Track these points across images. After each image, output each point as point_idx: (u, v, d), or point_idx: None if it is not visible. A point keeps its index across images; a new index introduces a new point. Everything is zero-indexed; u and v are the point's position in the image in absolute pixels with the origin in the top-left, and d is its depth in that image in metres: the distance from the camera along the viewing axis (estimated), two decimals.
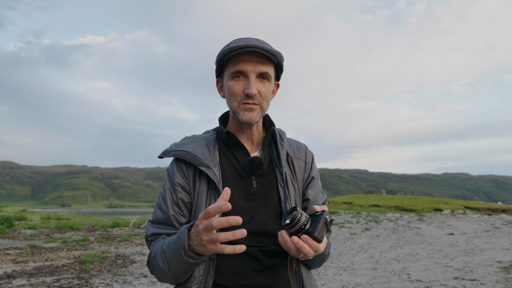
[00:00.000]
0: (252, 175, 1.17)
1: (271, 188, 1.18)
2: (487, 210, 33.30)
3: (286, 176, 1.19)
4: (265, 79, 1.15)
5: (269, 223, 1.14)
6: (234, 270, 1.10)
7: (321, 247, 0.95)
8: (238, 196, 1.14)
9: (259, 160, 1.16)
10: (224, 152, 1.21)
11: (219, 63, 1.18)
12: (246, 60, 1.11)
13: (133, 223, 19.57)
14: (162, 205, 1.16)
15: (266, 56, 1.12)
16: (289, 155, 1.25)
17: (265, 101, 1.16)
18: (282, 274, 1.13)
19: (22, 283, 5.73)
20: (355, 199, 50.01)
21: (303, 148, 1.31)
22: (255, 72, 1.12)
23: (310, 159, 1.31)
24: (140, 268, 7.26)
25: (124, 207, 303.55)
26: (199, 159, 1.15)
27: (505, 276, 6.40)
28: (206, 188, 1.14)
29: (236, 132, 1.23)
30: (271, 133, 1.25)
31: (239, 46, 1.09)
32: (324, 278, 6.46)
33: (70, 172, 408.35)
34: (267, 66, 1.14)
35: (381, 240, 12.55)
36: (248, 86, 1.11)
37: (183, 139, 1.25)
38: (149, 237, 1.16)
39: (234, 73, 1.13)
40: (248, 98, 1.12)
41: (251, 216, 1.13)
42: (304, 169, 1.27)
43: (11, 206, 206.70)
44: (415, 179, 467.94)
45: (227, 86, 1.15)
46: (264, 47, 1.09)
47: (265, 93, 1.15)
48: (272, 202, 1.16)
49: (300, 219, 0.93)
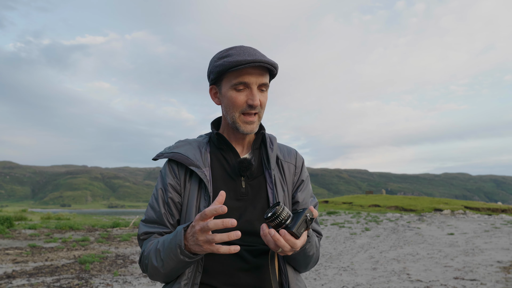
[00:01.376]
0: (241, 176, 1.21)
1: (259, 190, 1.22)
2: (487, 210, 33.28)
3: (275, 178, 1.23)
4: (264, 90, 1.20)
5: (256, 223, 1.16)
6: (221, 269, 1.13)
7: (298, 243, 0.98)
8: (228, 196, 1.17)
9: (248, 161, 1.19)
10: (215, 154, 1.26)
11: (219, 74, 1.18)
12: (249, 72, 1.15)
13: (133, 223, 19.57)
14: (154, 205, 1.20)
15: (267, 68, 1.17)
16: (279, 158, 1.29)
17: (263, 110, 1.22)
18: (268, 273, 1.15)
19: (22, 283, 5.74)
20: (355, 199, 49.98)
21: (294, 153, 1.35)
22: (256, 84, 1.17)
23: (300, 163, 1.34)
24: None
25: (124, 207, 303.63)
26: (190, 160, 1.20)
27: (505, 276, 6.40)
28: (197, 189, 1.18)
29: (228, 136, 1.27)
30: (261, 136, 1.30)
31: (247, 60, 1.12)
32: (324, 278, 6.46)
33: (70, 172, 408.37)
34: (266, 77, 1.19)
35: (381, 240, 12.55)
36: (252, 97, 1.16)
37: (176, 142, 1.30)
38: (141, 235, 1.20)
39: (237, 84, 1.16)
40: (251, 109, 1.17)
41: (239, 215, 1.16)
42: (294, 172, 1.31)
43: (11, 206, 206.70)
44: (415, 179, 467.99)
45: (228, 96, 1.18)
46: (269, 62, 1.15)
47: (264, 103, 1.21)
48: (260, 203, 1.20)
49: (281, 213, 0.96)
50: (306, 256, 1.17)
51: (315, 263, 1.28)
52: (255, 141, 1.29)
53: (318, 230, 1.31)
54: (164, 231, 1.18)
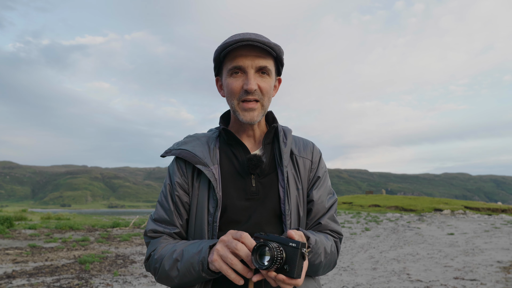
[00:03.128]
0: (251, 173, 1.13)
1: (271, 188, 1.13)
2: (487, 210, 33.29)
3: (288, 175, 1.14)
4: (265, 74, 1.10)
5: (265, 225, 1.10)
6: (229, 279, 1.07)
7: (300, 282, 0.87)
8: (236, 196, 1.11)
9: (258, 158, 1.10)
10: (224, 150, 1.17)
11: (216, 61, 1.14)
12: (243, 55, 1.07)
13: (133, 223, 19.56)
14: (164, 202, 1.15)
15: (264, 50, 1.07)
16: (293, 153, 1.19)
17: (266, 97, 1.11)
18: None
19: (22, 283, 5.73)
20: (355, 199, 49.98)
21: (310, 146, 1.24)
22: (253, 67, 1.07)
23: (317, 158, 1.23)
24: (140, 268, 7.26)
25: (124, 207, 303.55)
26: (197, 158, 1.12)
27: (505, 276, 6.40)
28: (207, 188, 1.11)
29: (238, 130, 1.19)
30: (273, 130, 1.19)
31: (235, 40, 1.05)
32: (324, 278, 6.46)
33: (70, 172, 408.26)
34: (266, 60, 1.09)
35: (381, 240, 12.55)
36: (247, 81, 1.06)
37: (185, 137, 1.23)
38: (149, 232, 1.14)
39: (232, 69, 1.08)
40: (248, 94, 1.08)
41: (248, 216, 1.10)
42: (310, 168, 1.20)
43: (11, 206, 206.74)
44: (415, 179, 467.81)
45: (226, 83, 1.11)
46: (261, 40, 1.05)
47: (266, 88, 1.10)
48: (271, 202, 1.12)
49: (276, 258, 0.84)
50: (312, 266, 1.07)
51: (330, 268, 1.16)
52: (267, 135, 1.18)
53: (337, 230, 1.20)
54: (174, 231, 1.12)
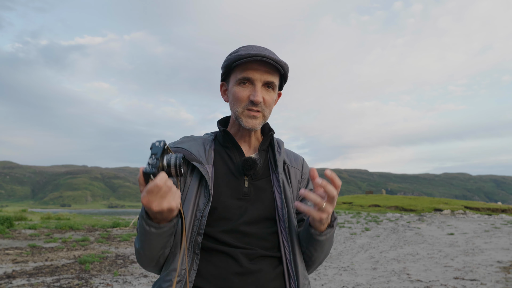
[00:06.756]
0: (245, 174, 1.18)
1: (263, 192, 1.19)
2: (487, 210, 33.29)
3: (284, 182, 1.21)
4: (270, 88, 1.18)
5: (255, 225, 1.14)
6: (215, 272, 1.09)
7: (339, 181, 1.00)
8: (229, 195, 1.15)
9: (253, 160, 1.18)
10: (219, 152, 1.24)
11: (226, 68, 1.20)
12: (254, 68, 1.14)
13: (133, 223, 19.56)
14: None
15: (274, 66, 1.15)
16: (286, 163, 1.27)
17: (268, 109, 1.19)
18: (263, 280, 1.11)
19: (22, 283, 5.73)
20: (355, 199, 49.99)
21: (301, 160, 1.34)
22: (261, 81, 1.15)
23: (307, 170, 1.32)
24: (140, 268, 7.26)
25: (124, 207, 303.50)
26: (193, 155, 1.17)
27: (505, 276, 6.40)
28: (197, 184, 1.15)
29: (235, 134, 1.26)
30: (269, 138, 1.28)
31: (250, 54, 1.12)
32: (324, 278, 6.46)
33: (70, 172, 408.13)
34: (273, 75, 1.17)
35: (381, 240, 12.56)
36: (254, 93, 1.14)
37: (181, 138, 1.29)
38: None
39: (241, 79, 1.16)
40: (253, 105, 1.16)
41: (239, 215, 1.14)
42: (300, 179, 1.29)
43: (11, 206, 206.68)
44: (415, 179, 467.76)
45: (233, 91, 1.18)
46: (273, 58, 1.13)
47: (269, 102, 1.18)
48: (263, 204, 1.17)
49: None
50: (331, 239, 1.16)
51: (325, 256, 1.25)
52: (263, 142, 1.27)
53: None
54: None
